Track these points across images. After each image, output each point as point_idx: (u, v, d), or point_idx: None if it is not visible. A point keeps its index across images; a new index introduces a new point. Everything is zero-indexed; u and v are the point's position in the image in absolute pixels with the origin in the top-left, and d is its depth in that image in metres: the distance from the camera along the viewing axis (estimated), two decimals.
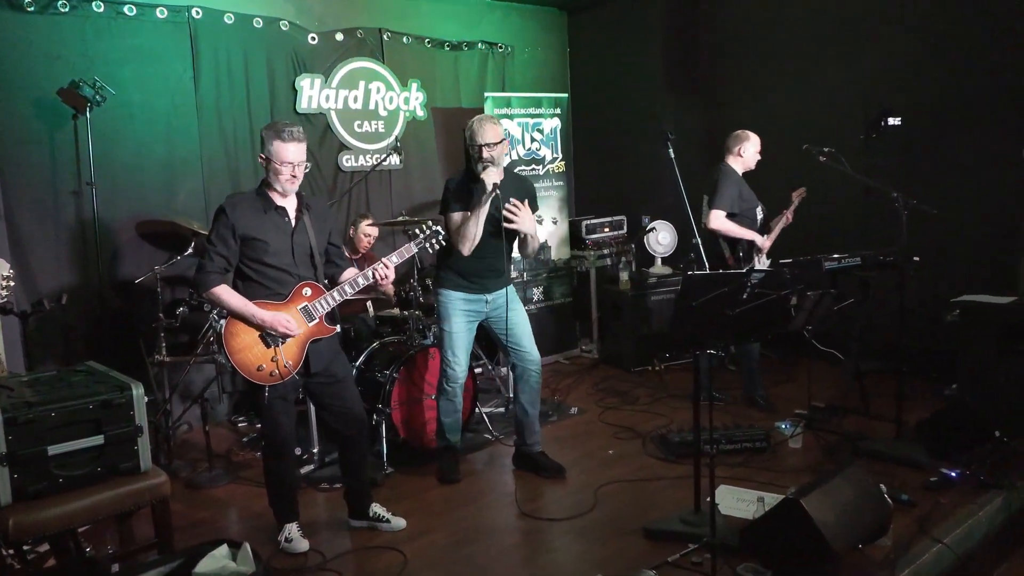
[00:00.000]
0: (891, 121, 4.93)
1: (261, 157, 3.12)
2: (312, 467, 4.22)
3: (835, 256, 4.38)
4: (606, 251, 6.56)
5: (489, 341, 4.66)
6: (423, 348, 4.39)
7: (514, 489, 3.89)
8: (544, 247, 6.34)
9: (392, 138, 5.96)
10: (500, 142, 3.77)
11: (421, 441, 4.32)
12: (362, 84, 5.81)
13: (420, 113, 6.13)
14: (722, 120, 6.53)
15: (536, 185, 6.21)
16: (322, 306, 3.19)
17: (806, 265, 4.45)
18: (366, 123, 5.87)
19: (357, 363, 4.39)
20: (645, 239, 6.27)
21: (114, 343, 4.67)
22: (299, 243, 3.18)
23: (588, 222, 6.58)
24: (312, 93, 5.56)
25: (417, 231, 3.40)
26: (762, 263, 4.75)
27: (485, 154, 3.75)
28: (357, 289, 3.25)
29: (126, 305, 4.80)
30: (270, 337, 3.11)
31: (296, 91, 5.48)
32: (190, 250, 4.50)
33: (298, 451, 4.28)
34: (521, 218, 3.76)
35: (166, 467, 4.14)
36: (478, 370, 5.68)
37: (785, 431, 4.41)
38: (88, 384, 2.84)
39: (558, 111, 6.46)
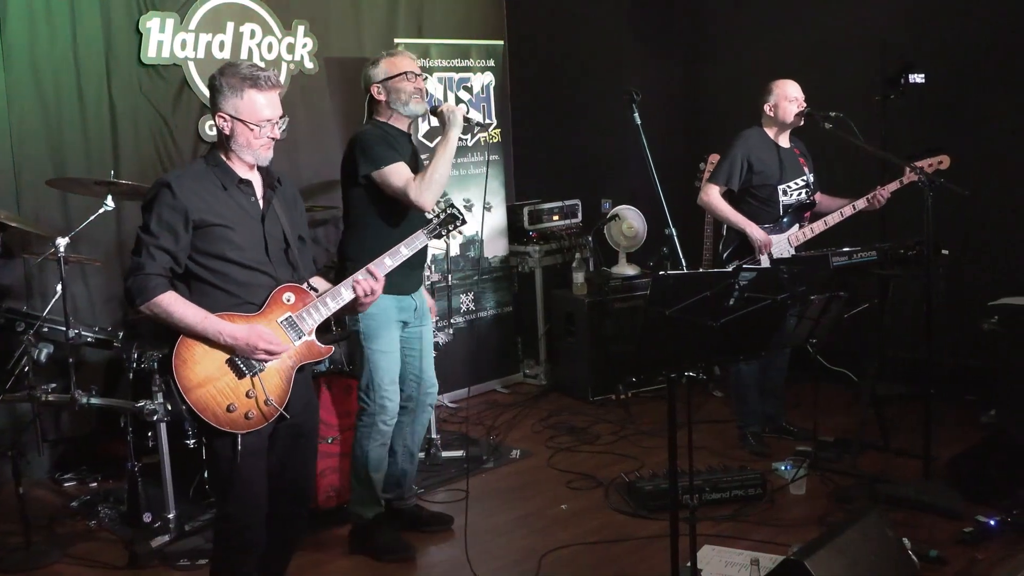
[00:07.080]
0: (913, 78, 5.05)
1: (222, 116, 2.89)
2: (167, 538, 4.14)
3: (845, 250, 4.49)
4: (556, 246, 6.61)
5: None
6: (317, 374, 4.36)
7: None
8: (473, 241, 6.36)
9: None
10: (424, 78, 3.78)
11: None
12: (230, 26, 5.74)
13: (309, 64, 6.08)
14: (704, 76, 6.67)
15: (464, 160, 6.33)
16: (312, 316, 2.99)
17: (809, 262, 4.55)
18: None
19: None
20: (606, 229, 6.32)
21: None
22: (272, 233, 2.98)
23: (532, 208, 6.62)
24: (163, 38, 5.47)
25: (427, 214, 3.16)
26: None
27: (420, 84, 3.74)
28: (337, 308, 3.05)
29: None
30: (243, 362, 2.87)
31: (141, 34, 5.39)
32: None
33: (148, 518, 4.23)
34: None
35: None
36: None
37: (785, 474, 4.50)
38: None
39: (491, 64, 6.49)
